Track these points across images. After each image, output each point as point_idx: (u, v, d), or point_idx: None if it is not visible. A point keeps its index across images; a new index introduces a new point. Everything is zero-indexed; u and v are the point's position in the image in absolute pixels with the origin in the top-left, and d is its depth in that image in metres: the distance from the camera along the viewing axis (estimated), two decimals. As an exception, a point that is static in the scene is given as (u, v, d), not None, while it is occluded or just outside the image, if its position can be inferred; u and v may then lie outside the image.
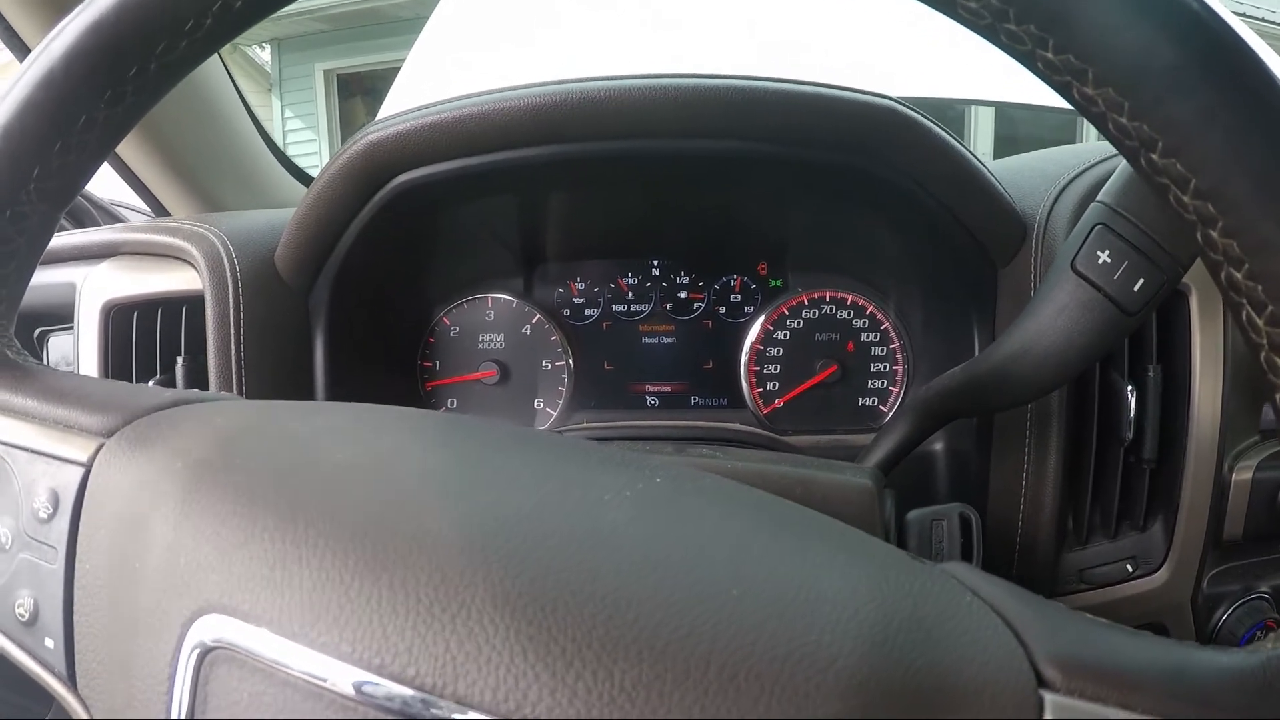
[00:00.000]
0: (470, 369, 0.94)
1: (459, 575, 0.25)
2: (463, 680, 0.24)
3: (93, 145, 0.36)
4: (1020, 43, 0.27)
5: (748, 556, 0.27)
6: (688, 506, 0.30)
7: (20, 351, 0.40)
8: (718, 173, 0.76)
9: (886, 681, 0.23)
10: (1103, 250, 0.51)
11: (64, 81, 0.34)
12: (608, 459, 0.33)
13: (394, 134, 0.67)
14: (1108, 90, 0.25)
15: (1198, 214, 0.26)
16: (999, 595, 0.27)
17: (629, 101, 0.65)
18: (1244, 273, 0.25)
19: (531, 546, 0.26)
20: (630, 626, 0.24)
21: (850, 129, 0.66)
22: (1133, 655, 0.25)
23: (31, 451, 0.35)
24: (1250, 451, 0.72)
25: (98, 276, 0.80)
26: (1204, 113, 0.24)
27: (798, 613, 0.25)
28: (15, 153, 0.35)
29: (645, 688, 0.23)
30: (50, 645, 0.34)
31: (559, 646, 0.24)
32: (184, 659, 0.28)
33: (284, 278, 0.76)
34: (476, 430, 0.35)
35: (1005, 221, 0.69)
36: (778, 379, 0.93)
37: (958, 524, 0.56)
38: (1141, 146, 0.26)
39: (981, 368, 0.58)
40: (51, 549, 0.34)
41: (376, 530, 0.27)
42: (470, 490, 0.29)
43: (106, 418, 0.35)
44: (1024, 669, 0.24)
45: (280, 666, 0.26)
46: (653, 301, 0.94)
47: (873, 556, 0.29)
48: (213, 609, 0.27)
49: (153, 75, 0.35)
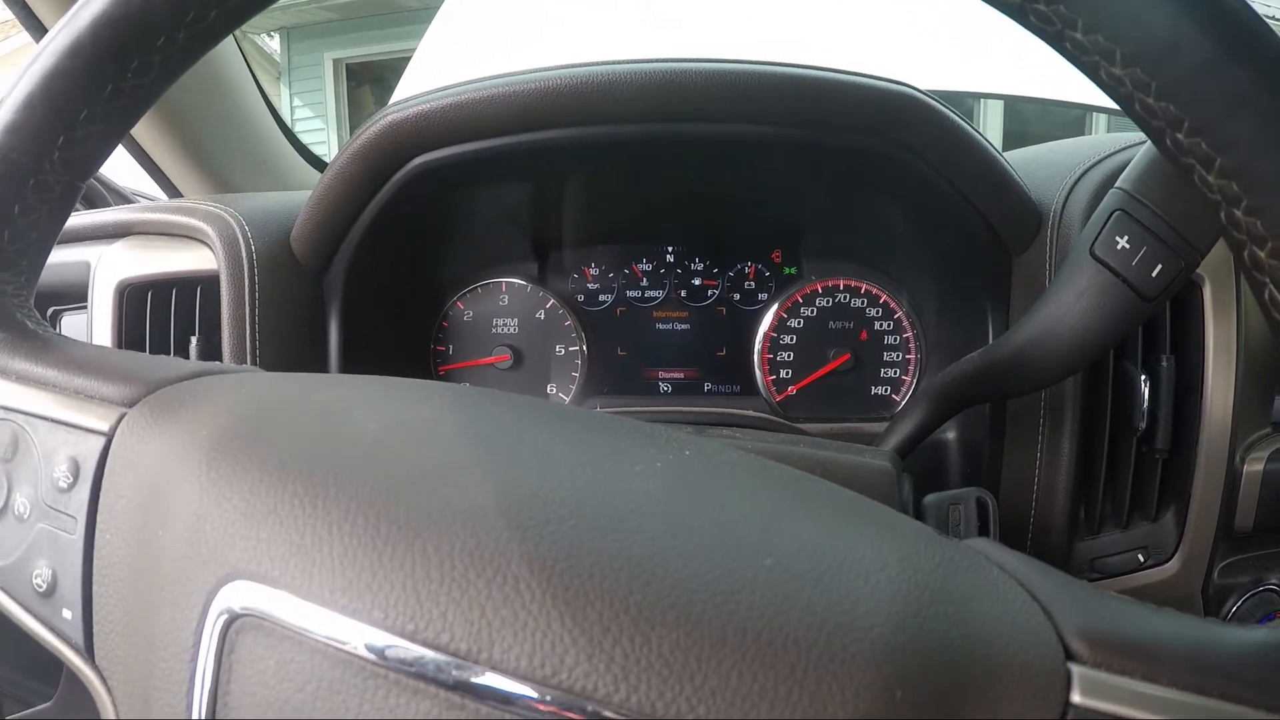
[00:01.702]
0: (483, 353, 0.94)
1: (494, 542, 0.25)
2: (498, 646, 0.24)
3: (118, 115, 0.36)
4: (1049, 23, 0.27)
5: (779, 527, 0.27)
6: (718, 478, 0.30)
7: (40, 322, 0.39)
8: (734, 158, 0.76)
9: (921, 652, 0.24)
10: (1121, 236, 0.51)
11: (91, 50, 0.34)
12: (637, 431, 0.33)
13: (414, 114, 0.67)
14: (1135, 70, 0.26)
15: (1222, 193, 0.26)
16: (1024, 570, 0.28)
17: (647, 84, 0.65)
18: (1267, 251, 0.26)
19: (565, 515, 0.26)
20: (666, 594, 0.24)
21: (868, 114, 0.66)
22: (1157, 630, 0.25)
23: (52, 421, 0.35)
24: (1262, 443, 0.72)
25: (112, 256, 0.80)
26: (1230, 92, 0.24)
27: (832, 582, 0.25)
28: (40, 121, 0.35)
29: (683, 653, 0.23)
30: (68, 616, 0.33)
31: (595, 612, 0.24)
32: (209, 627, 0.27)
33: (299, 258, 0.76)
34: (507, 403, 0.34)
35: (1021, 210, 0.69)
36: (791, 366, 0.93)
37: (974, 508, 0.57)
38: (1167, 126, 0.26)
39: (999, 352, 0.58)
40: (71, 519, 0.33)
41: (409, 497, 0.27)
42: (503, 460, 0.29)
43: (129, 388, 0.35)
44: (1052, 641, 0.25)
45: (309, 633, 0.25)
46: (667, 288, 0.94)
47: (901, 530, 0.29)
48: (240, 575, 0.27)
49: (180, 45, 0.35)
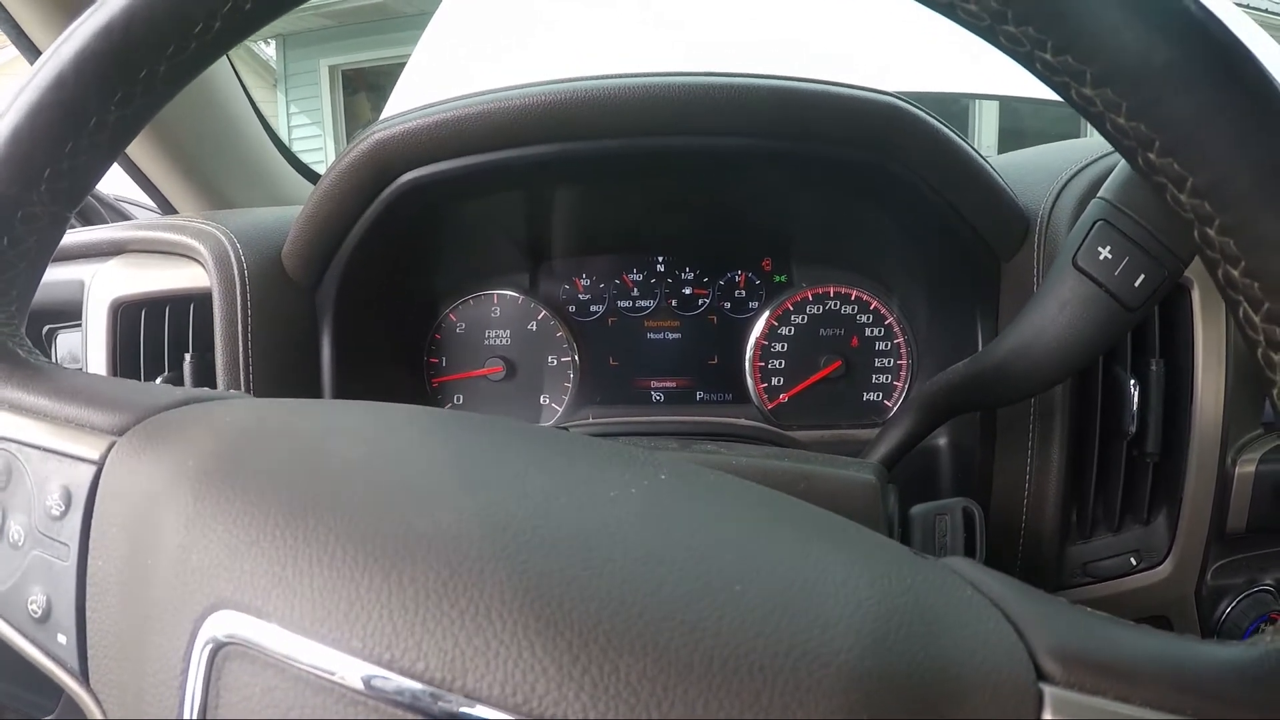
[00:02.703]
0: (476, 365, 0.94)
1: (467, 571, 0.26)
2: (471, 674, 0.24)
3: (103, 146, 0.37)
4: (1019, 44, 0.27)
5: (750, 552, 0.27)
6: (692, 503, 0.31)
7: (32, 351, 0.40)
8: (722, 169, 0.76)
9: (889, 676, 0.24)
10: (1104, 246, 0.52)
11: (75, 83, 0.34)
12: (613, 455, 0.33)
13: (400, 132, 0.68)
14: (1105, 91, 0.26)
15: (1195, 212, 0.26)
16: (999, 589, 0.28)
17: (633, 99, 0.66)
18: (1241, 270, 0.25)
19: (538, 542, 0.26)
20: (635, 621, 0.24)
21: (853, 126, 0.66)
22: (1132, 648, 0.25)
23: (44, 450, 0.35)
24: (1253, 445, 0.72)
25: (106, 274, 0.80)
26: (1201, 112, 0.24)
27: (800, 608, 0.25)
28: (27, 154, 0.35)
29: (650, 681, 0.23)
30: (63, 641, 0.34)
31: (565, 641, 0.24)
32: (196, 654, 0.28)
33: (291, 275, 0.76)
34: (483, 427, 0.35)
35: (1008, 216, 0.69)
36: (782, 374, 0.93)
37: (961, 519, 0.57)
38: (1139, 146, 0.26)
39: (985, 363, 0.58)
40: (64, 546, 0.34)
41: (385, 527, 0.27)
42: (477, 487, 0.29)
43: (118, 416, 0.35)
44: (1024, 662, 0.25)
45: (291, 661, 0.26)
46: (658, 297, 0.94)
47: (873, 552, 0.29)
48: (225, 605, 0.28)
49: (162, 77, 0.35)
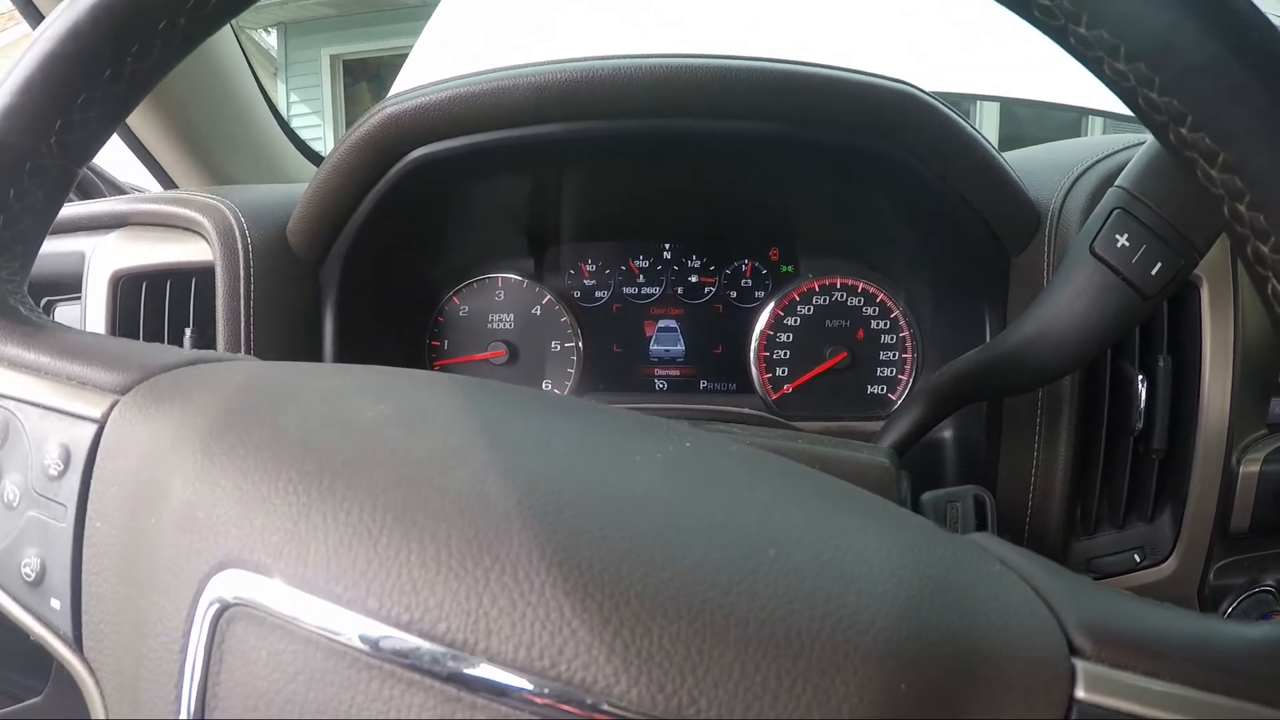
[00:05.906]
0: (479, 349, 0.94)
1: (492, 531, 0.25)
2: (495, 636, 0.23)
3: (116, 100, 0.36)
4: (1053, 18, 0.27)
5: (782, 518, 0.27)
6: (719, 469, 0.30)
7: (34, 308, 0.39)
8: (732, 156, 0.75)
9: (926, 645, 0.23)
10: (1121, 234, 0.51)
11: (90, 34, 0.34)
12: (637, 423, 0.33)
13: (413, 107, 0.67)
14: (1139, 65, 0.26)
15: (1225, 188, 0.26)
16: (1026, 565, 0.28)
17: (649, 80, 0.65)
18: (1270, 245, 0.26)
19: (565, 505, 0.26)
20: (667, 585, 0.24)
21: (868, 112, 0.66)
22: (1161, 626, 0.25)
23: (43, 407, 0.34)
24: (1258, 444, 0.72)
25: (107, 246, 0.79)
26: (1233, 87, 0.24)
27: (835, 574, 0.25)
28: (38, 104, 0.35)
29: (684, 644, 0.23)
30: (56, 606, 0.32)
31: (595, 603, 0.23)
32: (200, 617, 0.27)
33: (295, 251, 0.75)
34: (505, 392, 0.34)
35: (1020, 209, 0.69)
36: (787, 365, 0.93)
37: (972, 505, 0.56)
38: (1171, 121, 0.26)
39: (998, 350, 0.58)
40: (61, 506, 0.33)
41: (405, 486, 0.26)
42: (501, 449, 0.29)
43: (122, 374, 0.34)
44: (1056, 636, 0.24)
45: (301, 623, 0.25)
46: (663, 285, 0.94)
47: (904, 523, 0.28)
48: (232, 564, 0.27)
49: (181, 29, 0.35)
